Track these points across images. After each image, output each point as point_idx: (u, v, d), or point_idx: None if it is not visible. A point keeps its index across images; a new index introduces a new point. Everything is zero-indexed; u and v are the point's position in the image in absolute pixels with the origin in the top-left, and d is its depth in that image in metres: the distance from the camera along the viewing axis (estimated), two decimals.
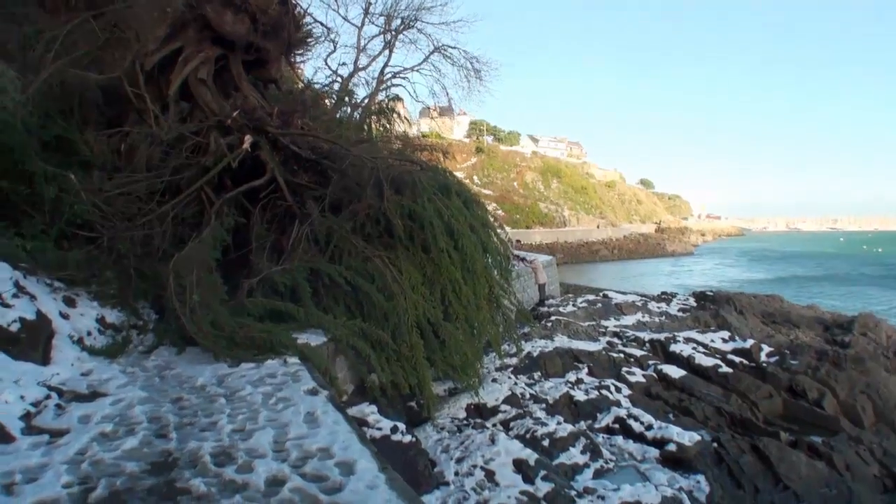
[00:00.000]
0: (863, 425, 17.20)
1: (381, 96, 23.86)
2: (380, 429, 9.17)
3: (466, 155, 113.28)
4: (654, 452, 13.09)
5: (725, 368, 19.51)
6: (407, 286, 11.39)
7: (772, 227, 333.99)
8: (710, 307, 32.22)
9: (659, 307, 31.52)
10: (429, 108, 35.48)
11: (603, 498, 9.89)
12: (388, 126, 19.51)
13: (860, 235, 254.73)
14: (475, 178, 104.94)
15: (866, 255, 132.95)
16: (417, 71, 27.10)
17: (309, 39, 19.77)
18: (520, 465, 10.13)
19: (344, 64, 24.37)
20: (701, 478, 12.09)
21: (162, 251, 10.80)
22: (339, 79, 23.25)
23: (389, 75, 25.99)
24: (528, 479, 9.80)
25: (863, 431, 16.54)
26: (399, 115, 20.48)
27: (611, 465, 11.99)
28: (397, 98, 24.94)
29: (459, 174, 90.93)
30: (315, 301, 10.75)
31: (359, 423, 8.83)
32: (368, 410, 9.60)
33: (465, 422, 12.61)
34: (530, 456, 10.45)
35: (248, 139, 12.61)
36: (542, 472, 10.04)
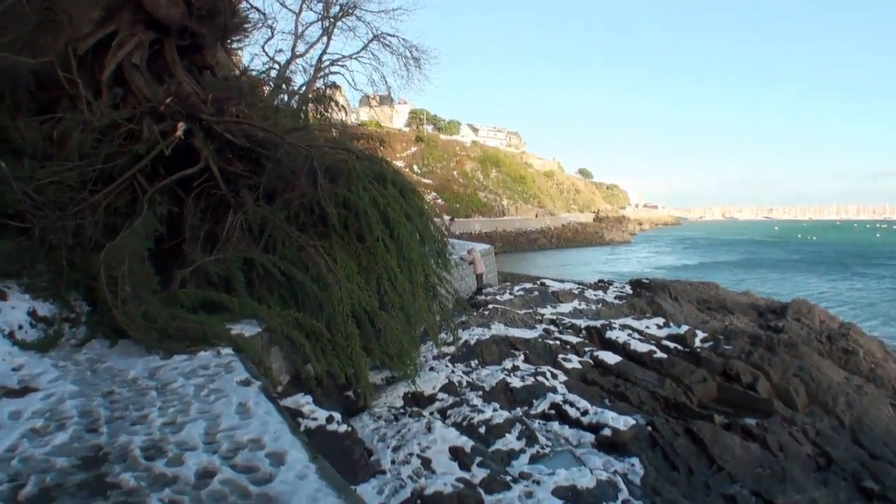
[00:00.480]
0: (796, 407, 17.64)
1: (319, 84, 23.63)
2: (315, 419, 9.14)
3: (406, 144, 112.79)
4: (589, 437, 13.27)
5: (660, 354, 19.84)
6: (342, 275, 11.33)
7: (708, 217, 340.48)
8: (646, 294, 32.66)
9: (595, 295, 31.87)
10: (368, 96, 35.30)
11: (538, 483, 9.98)
12: (325, 114, 19.38)
13: (795, 224, 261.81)
14: (415, 167, 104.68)
15: (799, 242, 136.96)
16: (356, 59, 26.92)
17: (246, 25, 19.55)
18: (456, 453, 10.19)
19: (281, 51, 24.06)
20: (636, 461, 12.30)
21: (94, 241, 10.51)
22: (276, 66, 22.94)
23: (328, 63, 25.76)
24: (465, 466, 9.87)
25: (796, 413, 16.97)
26: (337, 103, 20.31)
27: (546, 450, 12.12)
28: (335, 86, 24.70)
29: (399, 163, 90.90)
30: (249, 291, 10.65)
31: (294, 414, 8.81)
32: (304, 401, 9.55)
33: (401, 410, 12.64)
34: (466, 443, 10.52)
35: (181, 126, 12.40)
36: (478, 459, 10.11)
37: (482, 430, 12.08)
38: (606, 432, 13.15)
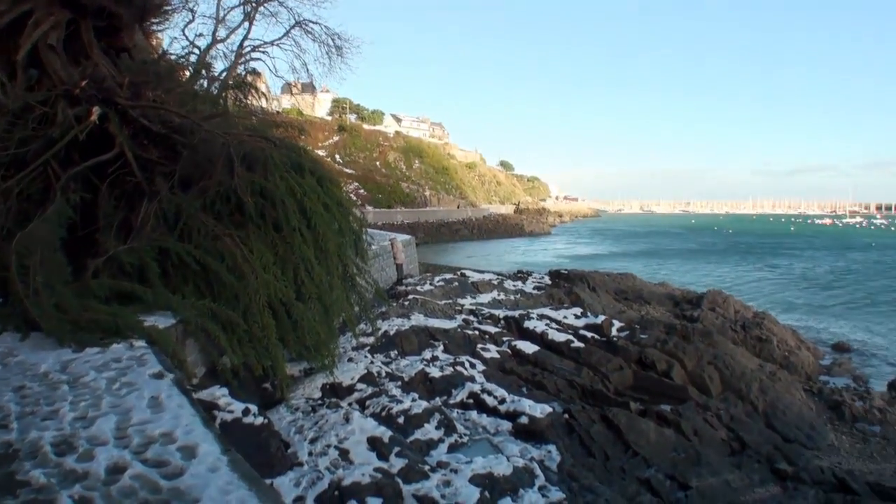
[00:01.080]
0: (710, 394, 18.23)
1: (240, 70, 23.21)
2: (231, 412, 9.01)
3: (328, 133, 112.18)
4: (507, 425, 13.47)
5: (578, 343, 20.21)
6: (258, 265, 11.18)
7: (627, 210, 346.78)
8: (564, 285, 33.22)
9: (515, 285, 32.27)
10: (290, 84, 34.84)
11: (456, 471, 10.05)
12: (245, 101, 19.09)
13: (712, 218, 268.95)
14: (337, 156, 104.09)
15: (715, 234, 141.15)
16: (278, 45, 26.42)
17: (165, 7, 19.01)
18: (374, 443, 10.21)
19: (202, 35, 23.40)
20: (552, 448, 12.50)
21: (6, 230, 10.21)
22: (196, 50, 22.36)
23: (249, 49, 25.22)
24: (383, 457, 9.89)
25: (710, 399, 17.53)
26: (257, 90, 20.04)
27: (465, 439, 12.22)
28: (256, 73, 24.32)
29: (321, 152, 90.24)
30: (164, 282, 10.42)
31: (209, 407, 8.68)
32: (220, 393, 9.40)
33: (319, 402, 12.59)
34: (385, 433, 10.54)
35: (95, 111, 12.04)
36: (397, 449, 10.15)
37: (401, 420, 12.12)
38: (524, 420, 13.34)
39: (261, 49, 25.86)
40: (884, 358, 28.57)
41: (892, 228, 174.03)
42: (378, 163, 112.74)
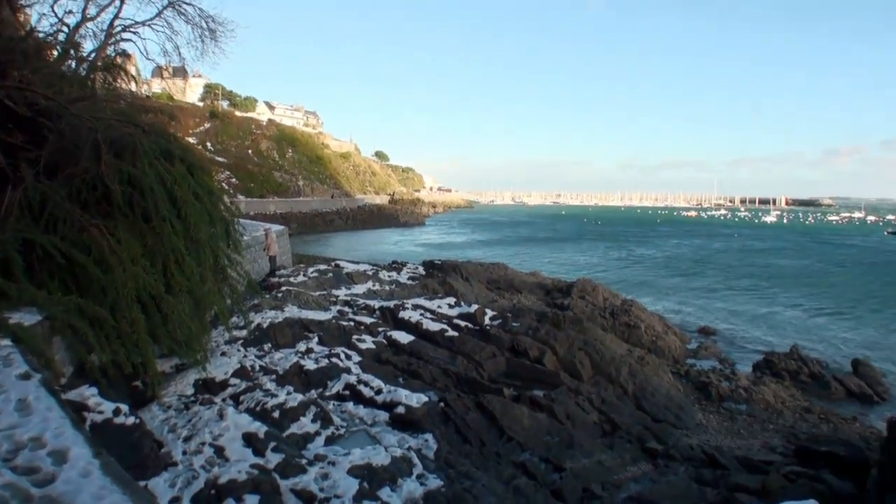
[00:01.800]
0: (582, 378, 18.81)
1: (109, 51, 22.25)
2: (101, 412, 8.65)
3: (200, 120, 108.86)
4: (384, 416, 13.55)
5: (452, 332, 20.49)
6: (126, 258, 10.77)
7: (499, 201, 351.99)
8: (438, 275, 33.57)
9: (389, 276, 32.40)
10: (161, 67, 33.67)
11: (334, 464, 10.05)
12: (114, 84, 18.38)
13: (581, 209, 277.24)
14: (209, 144, 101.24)
15: (584, 225, 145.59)
16: (150, 26, 25.34)
17: None
18: (250, 439, 10.08)
19: (71, 12, 22.17)
20: (429, 436, 12.66)
21: None
22: (65, 28, 21.39)
23: (120, 28, 24.09)
24: (259, 452, 9.78)
25: (581, 384, 18.08)
26: (127, 72, 19.31)
27: (342, 430, 12.26)
28: (126, 54, 23.36)
29: (192, 140, 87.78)
30: (28, 276, 9.94)
31: (79, 408, 8.35)
32: (89, 393, 9.02)
33: (192, 398, 12.30)
34: (260, 428, 10.42)
35: None
36: (273, 444, 10.06)
37: (276, 414, 12.02)
38: (400, 410, 13.45)
39: (132, 29, 24.81)
40: (747, 340, 30.39)
41: (756, 221, 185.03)
42: (250, 151, 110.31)
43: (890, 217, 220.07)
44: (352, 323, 20.49)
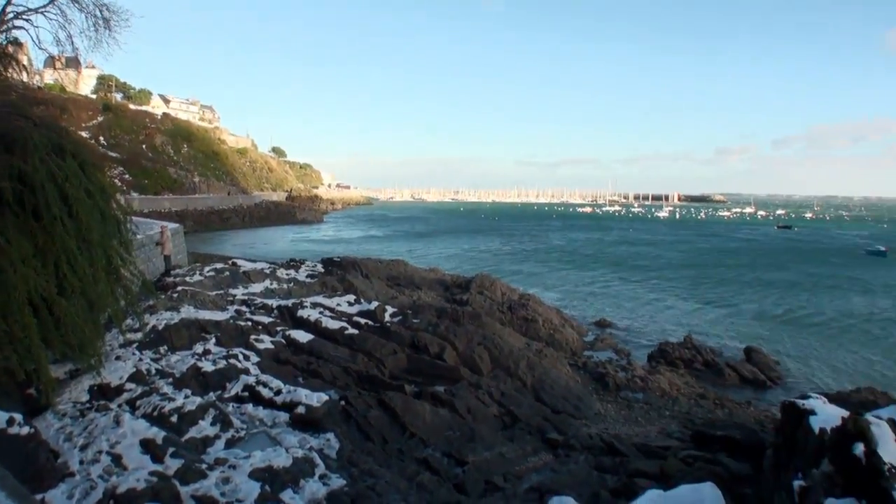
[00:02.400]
0: (481, 372, 19.02)
1: (0, 39, 21.31)
2: None
3: (93, 113, 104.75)
4: (284, 416, 13.48)
5: (352, 330, 20.46)
6: (16, 258, 10.40)
7: (398, 198, 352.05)
8: (337, 272, 33.44)
9: (287, 274, 32.05)
10: (53, 57, 32.43)
11: (235, 467, 9.94)
12: (4, 74, 17.63)
13: (479, 205, 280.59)
14: (101, 138, 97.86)
15: (481, 220, 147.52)
16: (42, 14, 24.42)
17: None
18: (148, 445, 9.88)
19: None
20: (331, 435, 12.66)
21: None
22: None
23: (12, 15, 23.09)
24: (158, 459, 9.60)
25: (482, 378, 18.24)
26: (18, 62, 18.54)
27: (242, 433, 12.10)
28: (18, 43, 22.39)
29: (84, 133, 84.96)
30: None
31: None
32: None
33: (88, 405, 11.97)
34: (158, 434, 10.23)
35: None
36: (172, 449, 9.89)
37: (174, 418, 11.79)
38: (301, 410, 13.39)
39: (24, 17, 23.85)
40: (642, 331, 31.35)
41: (649, 216, 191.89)
42: (144, 146, 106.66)
43: (780, 212, 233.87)
44: (249, 323, 20.25)
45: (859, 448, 7.43)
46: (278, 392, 14.31)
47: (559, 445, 14.56)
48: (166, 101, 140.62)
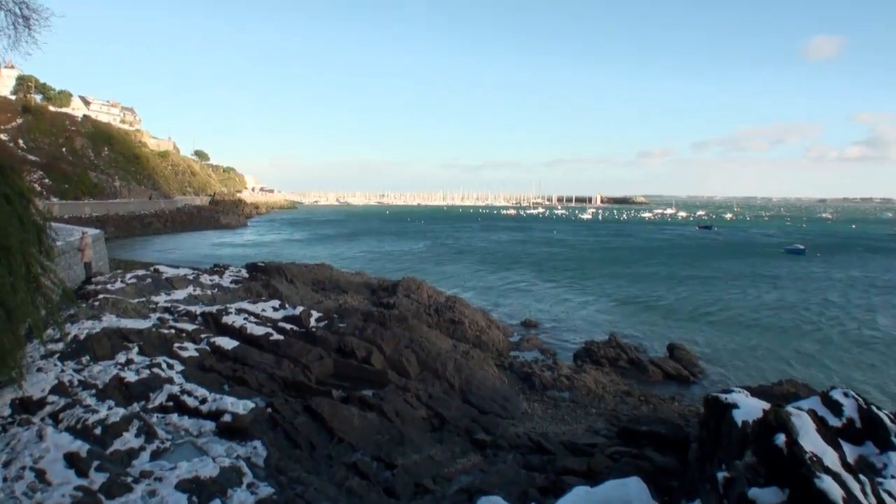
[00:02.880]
0: (409, 375, 19.13)
1: None
2: None
3: (12, 115, 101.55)
4: (210, 425, 13.37)
5: (277, 336, 20.40)
6: None
7: (323, 201, 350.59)
8: (262, 277, 33.27)
9: (211, 280, 31.75)
10: None
11: (161, 479, 9.88)
12: None
13: (405, 209, 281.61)
14: (21, 141, 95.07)
15: (408, 223, 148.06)
16: None
17: None
18: (72, 459, 9.74)
19: None
20: (258, 443, 12.61)
21: None
22: None
23: None
24: (82, 473, 9.48)
25: (409, 381, 18.34)
26: None
27: (167, 444, 12.02)
28: None
29: (2, 136, 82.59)
30: None
31: None
32: None
33: (9, 419, 11.77)
34: (82, 447, 10.08)
35: None
36: (97, 463, 9.78)
37: (98, 431, 11.63)
38: (227, 418, 13.31)
39: None
40: (567, 330, 31.91)
41: (573, 218, 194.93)
42: (64, 149, 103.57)
43: (700, 213, 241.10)
44: (173, 330, 20.03)
45: (781, 438, 7.74)
46: (203, 401, 14.19)
47: (487, 446, 14.76)
48: (87, 103, 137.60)
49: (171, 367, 16.63)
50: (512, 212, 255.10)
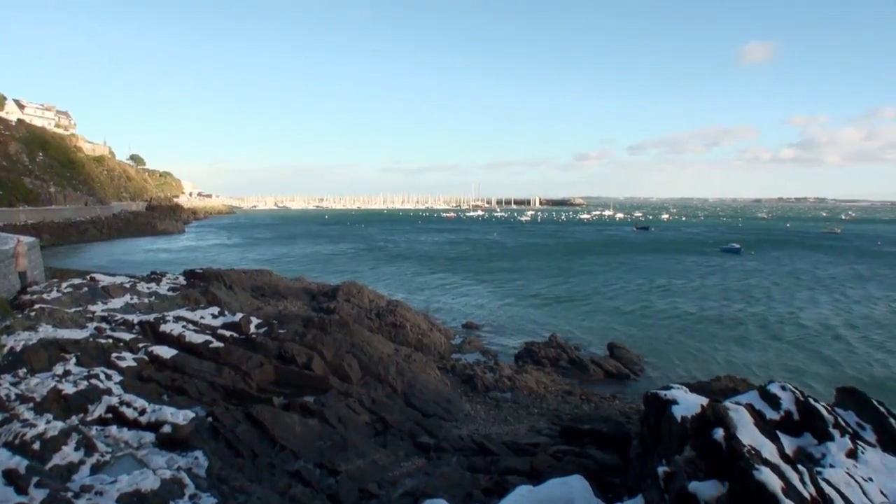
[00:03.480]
0: (351, 380, 19.14)
1: None
2: None
3: None
4: (150, 437, 13.28)
5: (217, 343, 20.21)
6: None
7: (262, 206, 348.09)
8: (200, 284, 33.04)
9: (149, 287, 31.44)
10: None
11: (101, 493, 9.77)
12: None
13: (345, 212, 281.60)
14: None
15: (347, 227, 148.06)
16: None
17: None
18: (10, 476, 9.58)
19: None
20: (199, 453, 12.56)
21: None
22: None
23: None
24: (21, 490, 9.34)
25: (351, 386, 18.38)
26: None
27: (107, 457, 11.88)
28: None
29: None
30: None
31: None
32: None
33: None
34: (20, 463, 9.92)
35: None
36: (36, 479, 9.62)
37: (37, 445, 11.43)
38: (167, 429, 13.24)
39: None
40: (508, 331, 32.40)
41: (512, 220, 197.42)
42: None
43: (637, 214, 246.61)
44: (110, 340, 19.73)
45: (719, 433, 7.99)
46: (143, 412, 14.06)
47: (431, 449, 14.89)
48: (21, 107, 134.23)
49: (109, 377, 16.40)
50: (451, 214, 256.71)
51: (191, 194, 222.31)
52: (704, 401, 9.60)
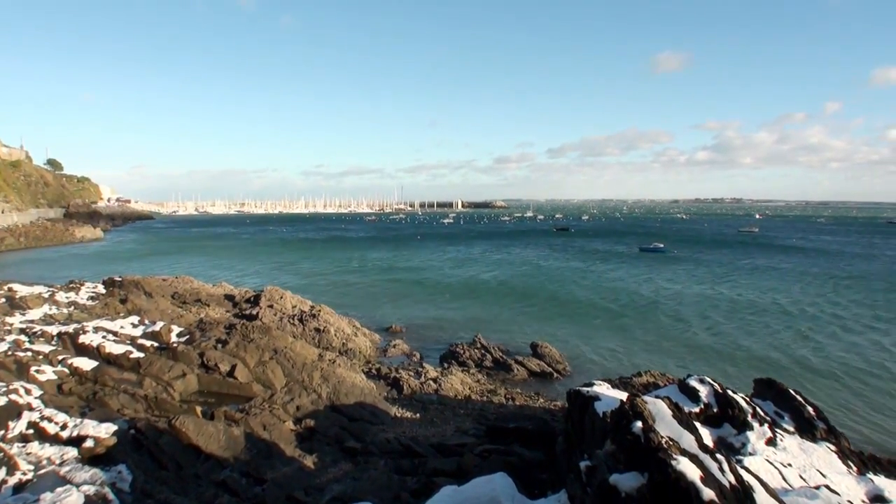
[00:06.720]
0: (275, 388, 19.08)
1: None
2: None
3: None
4: (73, 452, 13.12)
5: (137, 353, 20.04)
6: None
7: (182, 211, 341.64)
8: (120, 293, 32.52)
9: (67, 297, 30.91)
10: None
11: None
12: None
13: (266, 217, 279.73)
14: None
15: (268, 233, 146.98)
16: None
17: None
18: None
19: None
20: (122, 467, 12.46)
21: None
22: None
23: None
24: None
25: (276, 393, 18.33)
26: None
27: (30, 475, 11.73)
28: None
29: None
30: None
31: None
32: None
33: None
34: None
35: None
36: None
37: None
38: (89, 444, 13.11)
39: None
40: (432, 334, 32.71)
41: (434, 223, 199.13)
42: None
43: (557, 216, 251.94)
44: (29, 353, 19.42)
45: (637, 426, 8.27)
46: (64, 426, 13.88)
47: (358, 453, 14.98)
48: None
49: (29, 392, 16.13)
50: (373, 218, 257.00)
51: (110, 200, 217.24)
52: (626, 396, 9.89)
